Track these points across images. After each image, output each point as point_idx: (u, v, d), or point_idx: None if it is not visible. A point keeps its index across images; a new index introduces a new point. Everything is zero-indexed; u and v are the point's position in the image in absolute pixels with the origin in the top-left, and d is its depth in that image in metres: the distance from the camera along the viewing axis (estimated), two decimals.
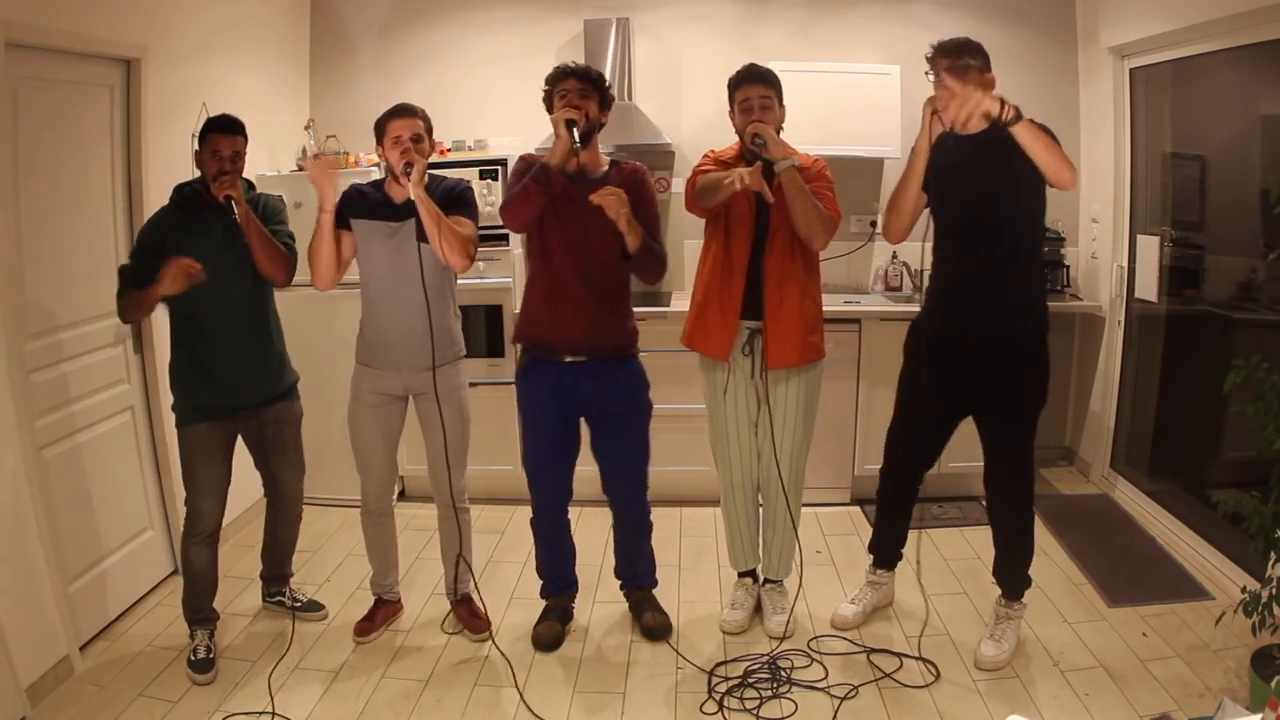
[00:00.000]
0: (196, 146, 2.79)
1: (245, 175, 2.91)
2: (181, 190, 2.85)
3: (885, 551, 3.16)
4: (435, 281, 2.80)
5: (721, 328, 2.91)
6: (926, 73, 2.68)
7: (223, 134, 2.76)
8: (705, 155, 3.00)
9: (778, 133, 2.78)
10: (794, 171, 2.71)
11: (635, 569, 3.15)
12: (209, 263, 2.68)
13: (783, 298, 2.84)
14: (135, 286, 2.73)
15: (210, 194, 2.75)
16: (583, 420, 2.97)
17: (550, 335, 2.82)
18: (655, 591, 3.18)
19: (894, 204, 2.80)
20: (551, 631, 3.05)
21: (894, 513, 3.10)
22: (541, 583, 3.16)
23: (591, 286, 2.77)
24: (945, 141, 2.66)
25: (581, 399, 2.87)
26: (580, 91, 2.71)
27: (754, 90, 2.79)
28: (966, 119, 2.48)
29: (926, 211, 2.80)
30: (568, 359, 2.83)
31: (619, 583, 3.21)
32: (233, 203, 2.73)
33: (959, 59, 2.61)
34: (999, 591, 2.95)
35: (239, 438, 2.99)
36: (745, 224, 2.83)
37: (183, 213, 2.80)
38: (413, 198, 2.65)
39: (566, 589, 3.16)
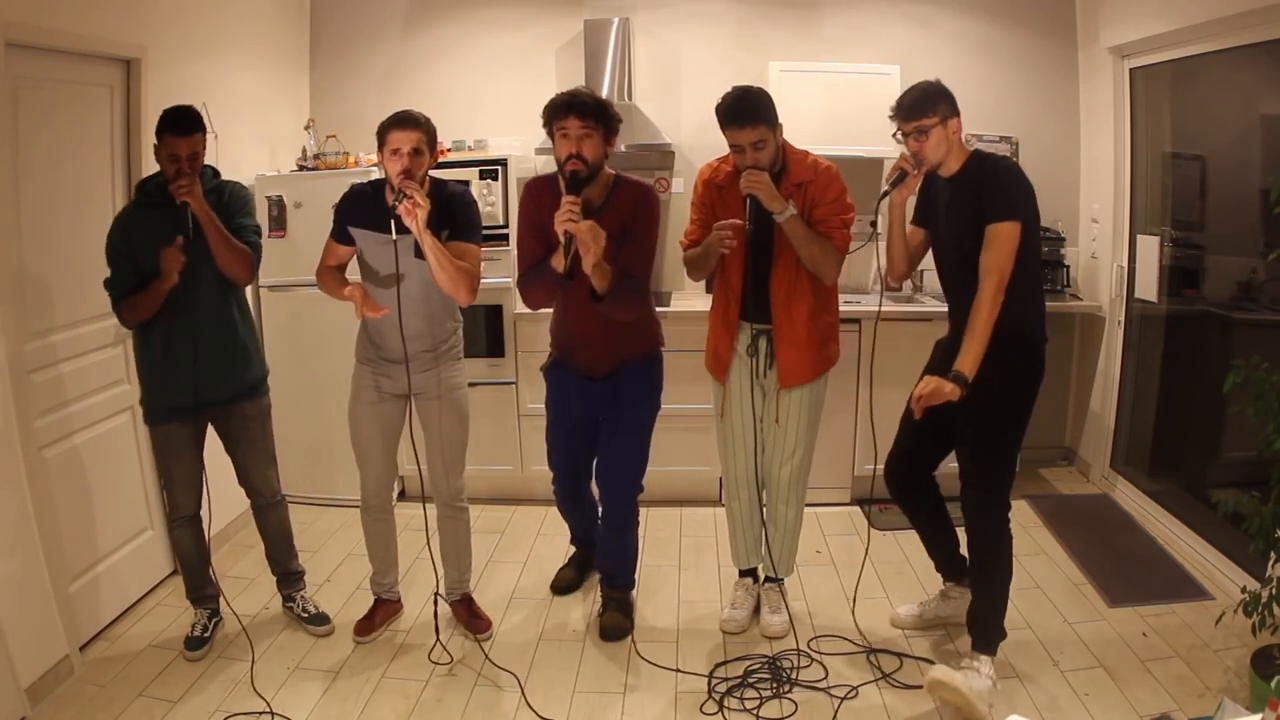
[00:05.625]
0: (155, 142, 2.74)
1: (211, 165, 2.91)
2: (144, 186, 2.83)
3: (937, 562, 3.06)
4: (435, 284, 2.78)
5: (723, 350, 2.96)
6: (894, 134, 2.63)
7: (179, 135, 2.70)
8: (698, 181, 2.95)
9: (778, 146, 2.74)
10: (794, 220, 2.70)
11: (610, 564, 3.16)
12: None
13: (792, 319, 2.83)
14: (128, 291, 2.74)
15: (171, 192, 2.71)
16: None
17: (572, 354, 2.94)
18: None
19: (886, 255, 2.86)
20: (566, 578, 3.38)
21: (916, 522, 3.00)
22: (569, 535, 3.45)
23: (602, 316, 2.77)
24: (933, 183, 2.71)
25: (594, 400, 2.95)
26: (581, 131, 2.61)
27: (743, 136, 2.65)
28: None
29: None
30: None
31: (599, 576, 3.26)
32: (189, 210, 2.68)
33: (918, 120, 2.55)
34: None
35: (212, 427, 3.01)
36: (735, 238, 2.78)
37: (144, 209, 2.79)
38: (419, 240, 2.60)
39: (590, 546, 3.33)
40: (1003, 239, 2.48)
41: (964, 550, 2.94)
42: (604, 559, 3.18)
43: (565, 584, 3.38)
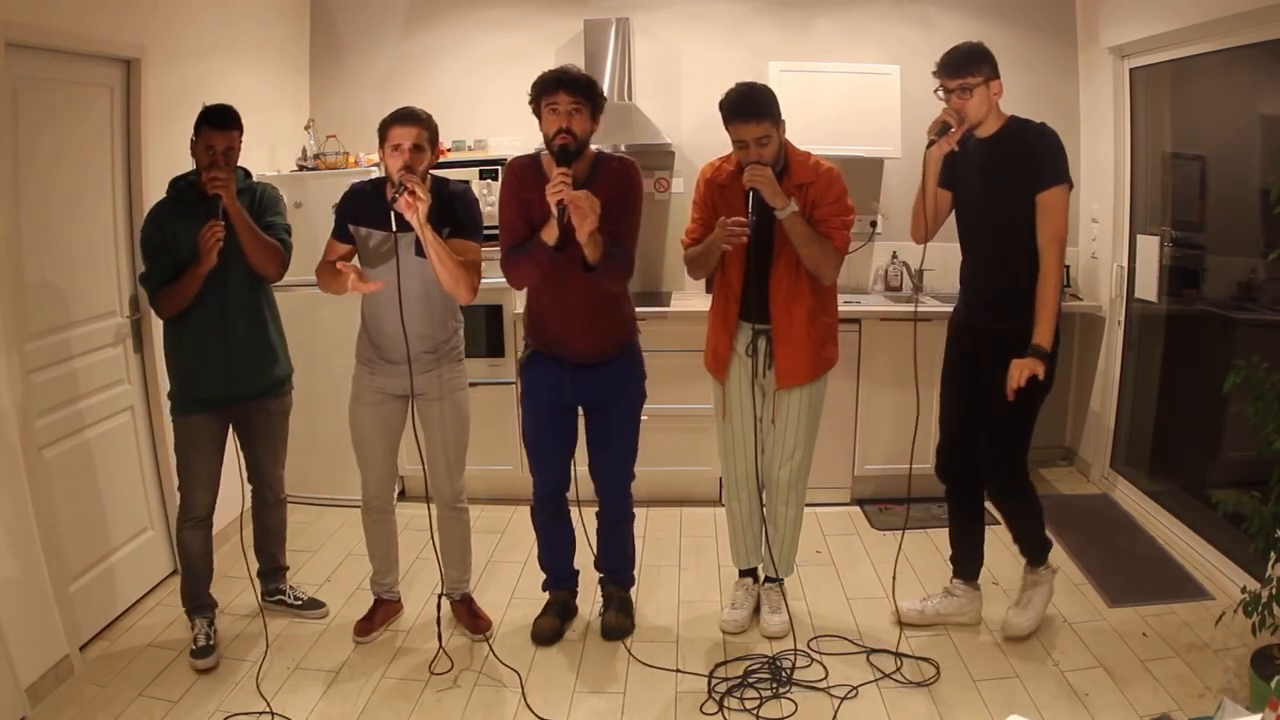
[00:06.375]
0: (193, 135, 2.78)
1: (243, 167, 2.92)
2: (177, 184, 2.86)
3: (956, 558, 3.13)
4: (435, 284, 2.78)
5: (722, 349, 2.96)
6: (936, 90, 2.71)
7: (216, 129, 2.75)
8: (699, 180, 2.95)
9: (781, 144, 2.74)
10: (795, 217, 2.69)
11: (611, 561, 3.14)
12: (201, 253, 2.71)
13: (791, 319, 2.83)
14: (165, 282, 2.77)
15: (204, 185, 2.75)
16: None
17: (562, 346, 2.84)
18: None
19: (913, 212, 2.88)
20: (550, 626, 3.07)
21: (955, 512, 3.10)
22: (544, 577, 3.18)
23: (598, 298, 2.75)
24: (964, 143, 2.74)
25: (582, 391, 2.90)
26: (571, 106, 2.59)
27: (747, 131, 2.65)
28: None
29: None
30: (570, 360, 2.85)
31: (598, 576, 3.21)
32: (221, 203, 2.71)
33: (963, 78, 2.65)
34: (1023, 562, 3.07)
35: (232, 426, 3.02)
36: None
37: (177, 205, 2.82)
38: (419, 236, 2.61)
39: (565, 582, 3.18)
40: (1057, 207, 2.64)
41: (984, 552, 3.10)
42: (604, 555, 3.16)
43: (551, 632, 3.06)
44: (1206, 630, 2.98)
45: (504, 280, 3.97)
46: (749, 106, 2.66)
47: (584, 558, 3.18)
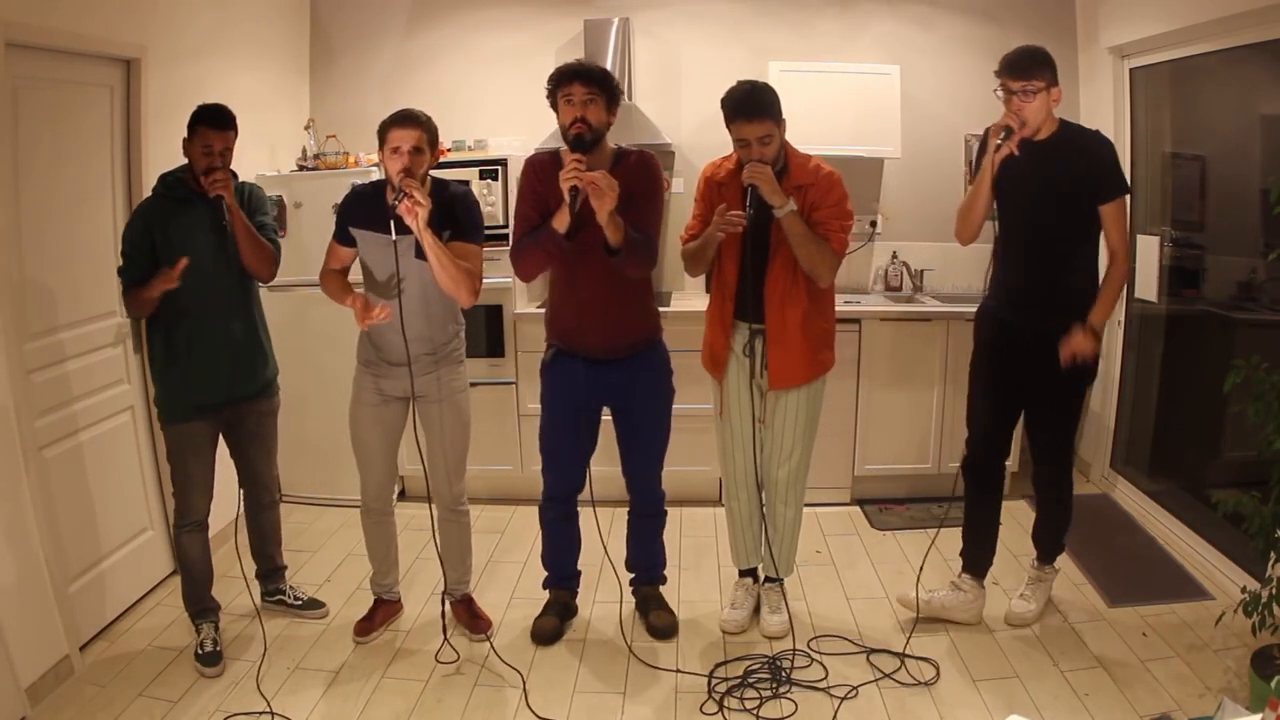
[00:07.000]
0: (186, 135, 2.76)
1: (236, 170, 2.92)
2: (166, 180, 2.83)
3: (968, 553, 3.15)
4: (435, 286, 2.77)
5: (719, 349, 2.96)
6: (995, 90, 2.73)
7: (214, 129, 2.74)
8: (700, 178, 2.96)
9: (780, 146, 2.75)
10: (793, 217, 2.69)
11: (644, 560, 3.15)
12: (196, 254, 2.70)
13: (785, 322, 2.83)
14: (139, 281, 2.74)
15: (196, 183, 2.74)
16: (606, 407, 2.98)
17: (577, 340, 2.82)
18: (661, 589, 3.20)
19: (963, 216, 2.90)
20: (550, 626, 3.07)
21: (974, 508, 3.12)
22: (545, 575, 3.18)
23: (612, 290, 2.75)
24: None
25: (606, 391, 2.89)
26: (586, 96, 2.61)
27: (749, 130, 2.66)
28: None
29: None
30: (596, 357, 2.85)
31: (629, 576, 3.21)
32: (224, 203, 2.71)
33: (1027, 80, 2.67)
34: (1033, 554, 3.18)
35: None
36: (732, 239, 2.79)
37: (168, 202, 2.79)
38: (419, 239, 2.61)
39: (567, 582, 3.17)
40: (1121, 216, 2.78)
41: (995, 550, 3.15)
42: (634, 553, 3.16)
43: (551, 632, 3.06)
44: (1206, 630, 2.98)
45: (504, 280, 4.05)
46: (752, 105, 2.66)
47: (586, 558, 3.18)
